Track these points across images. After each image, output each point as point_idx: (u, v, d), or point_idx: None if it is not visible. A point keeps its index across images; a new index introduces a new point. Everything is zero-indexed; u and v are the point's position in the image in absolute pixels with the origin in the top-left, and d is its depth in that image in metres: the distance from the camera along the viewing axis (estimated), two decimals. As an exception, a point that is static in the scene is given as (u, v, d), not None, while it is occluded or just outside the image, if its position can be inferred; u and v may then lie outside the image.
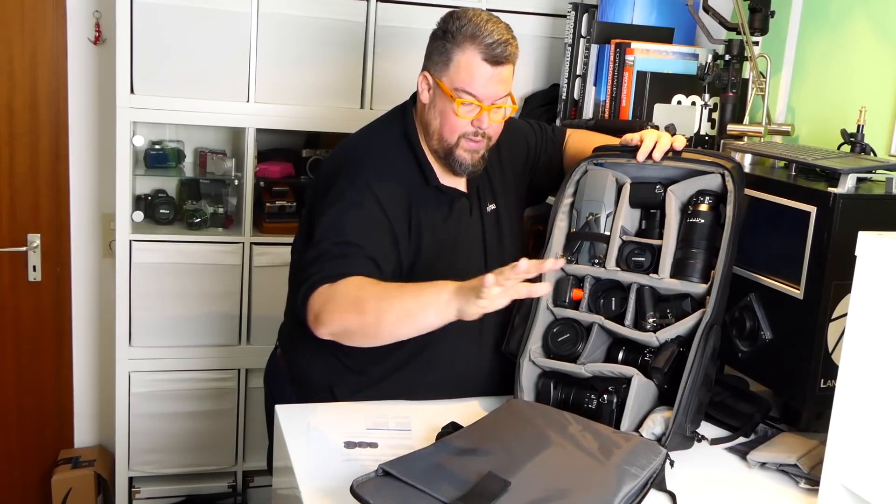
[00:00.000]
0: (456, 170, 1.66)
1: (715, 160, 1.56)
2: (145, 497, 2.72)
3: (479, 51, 1.57)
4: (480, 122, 1.62)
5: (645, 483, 1.28)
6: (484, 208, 1.77)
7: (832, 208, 1.41)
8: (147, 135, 2.68)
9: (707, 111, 2.12)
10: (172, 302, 2.57)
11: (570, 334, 1.58)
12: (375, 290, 1.46)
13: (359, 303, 1.44)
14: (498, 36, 1.57)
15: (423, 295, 1.40)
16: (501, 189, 1.82)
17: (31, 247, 2.81)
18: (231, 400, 2.69)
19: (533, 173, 1.90)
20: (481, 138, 1.64)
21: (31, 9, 2.67)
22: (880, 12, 1.90)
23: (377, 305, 1.42)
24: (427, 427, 1.54)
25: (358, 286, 1.47)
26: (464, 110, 1.60)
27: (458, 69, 1.59)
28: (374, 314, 1.42)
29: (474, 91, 1.59)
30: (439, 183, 1.69)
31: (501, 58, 1.58)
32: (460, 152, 1.64)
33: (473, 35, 1.57)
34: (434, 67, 1.63)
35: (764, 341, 1.56)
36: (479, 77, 1.58)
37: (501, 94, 1.62)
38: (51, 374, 2.91)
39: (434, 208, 1.69)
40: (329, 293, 1.48)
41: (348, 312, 1.44)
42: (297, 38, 2.50)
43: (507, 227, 1.81)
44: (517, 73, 2.83)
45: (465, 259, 1.72)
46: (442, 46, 1.61)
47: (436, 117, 1.64)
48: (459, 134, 1.62)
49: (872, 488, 1.17)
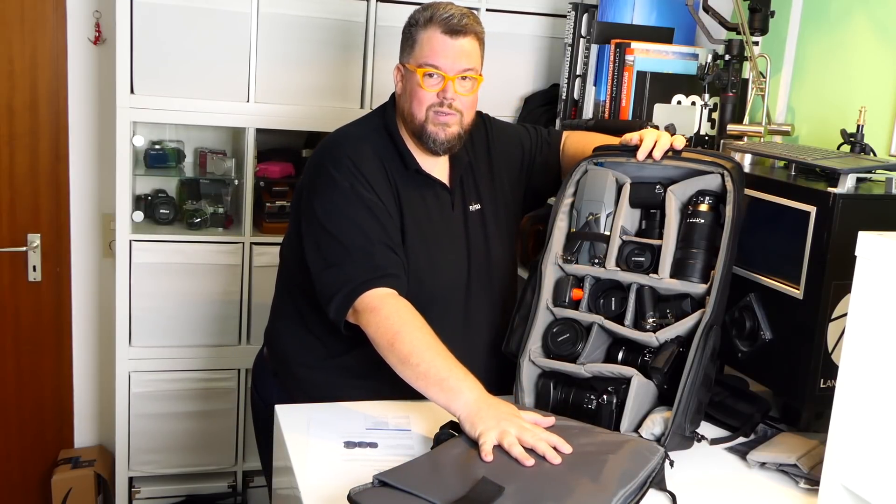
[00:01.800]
0: (430, 146, 1.69)
1: (715, 160, 1.56)
2: (145, 497, 2.72)
3: (437, 26, 1.65)
4: (446, 93, 1.65)
5: (643, 483, 1.28)
6: (468, 206, 1.78)
7: (832, 208, 1.41)
8: (147, 135, 2.68)
9: (707, 111, 2.12)
10: (172, 302, 2.57)
11: (570, 334, 1.58)
12: (414, 338, 1.50)
13: (395, 338, 1.50)
14: (455, 11, 1.66)
15: (447, 382, 1.44)
16: (489, 191, 1.82)
17: (31, 247, 2.81)
18: (231, 400, 2.69)
19: (529, 176, 1.90)
20: (450, 110, 1.66)
21: (31, 9, 2.67)
22: (880, 12, 1.90)
23: (406, 354, 1.49)
24: (426, 427, 1.54)
25: (402, 321, 1.52)
26: (428, 82, 1.65)
27: (420, 46, 1.66)
28: (398, 357, 1.50)
29: (436, 62, 1.64)
30: (419, 167, 1.72)
31: (459, 27, 1.64)
32: (431, 127, 1.67)
33: (433, 16, 1.66)
34: (403, 56, 1.72)
35: (764, 341, 1.55)
36: (439, 48, 1.64)
37: (465, 66, 1.66)
38: (51, 374, 2.92)
39: (414, 189, 1.72)
40: (375, 304, 1.55)
41: (382, 337, 1.52)
42: (297, 38, 2.50)
43: (493, 229, 1.81)
44: (517, 73, 2.84)
45: (448, 252, 1.74)
46: (408, 33, 1.70)
47: (407, 99, 1.70)
48: (426, 106, 1.66)
49: (872, 488, 1.17)
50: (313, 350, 1.76)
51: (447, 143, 1.69)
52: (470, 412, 1.39)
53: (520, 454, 1.30)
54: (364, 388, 1.67)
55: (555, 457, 1.30)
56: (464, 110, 1.69)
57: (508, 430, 1.34)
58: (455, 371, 1.46)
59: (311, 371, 1.78)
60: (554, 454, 1.31)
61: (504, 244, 1.84)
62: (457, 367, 1.47)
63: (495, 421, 1.36)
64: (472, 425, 1.37)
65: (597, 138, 1.84)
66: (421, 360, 1.47)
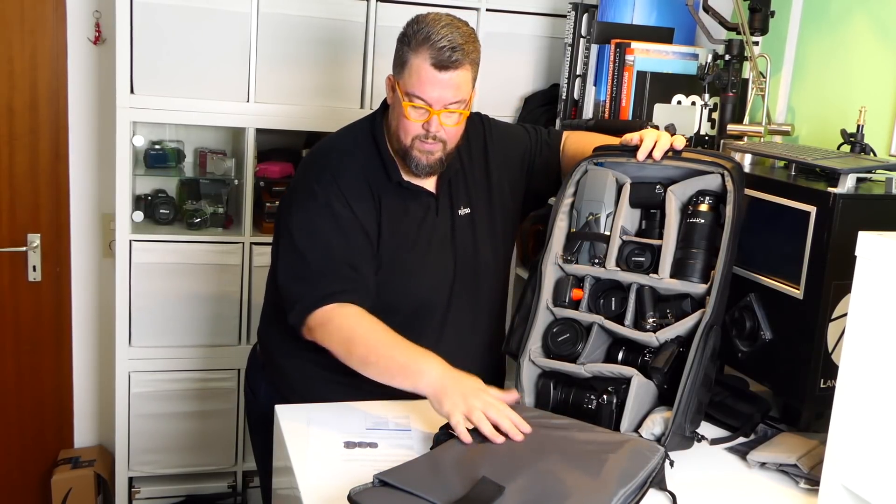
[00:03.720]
0: (413, 169, 1.69)
1: (714, 160, 1.56)
2: (145, 497, 2.72)
3: (428, 55, 1.59)
4: (430, 126, 1.64)
5: (643, 483, 1.28)
6: (455, 210, 1.78)
7: (832, 208, 1.41)
8: (147, 135, 2.68)
9: (707, 111, 2.12)
10: (172, 302, 2.57)
11: (570, 334, 1.58)
12: (367, 338, 1.57)
13: (349, 344, 1.58)
14: (449, 41, 1.58)
15: (408, 367, 1.51)
16: (483, 195, 1.82)
17: (31, 247, 2.81)
18: (231, 400, 2.69)
19: (530, 177, 1.90)
20: (434, 141, 1.66)
21: (31, 9, 2.67)
22: (880, 12, 1.90)
23: (364, 354, 1.56)
24: (426, 426, 1.54)
25: (351, 326, 1.59)
26: (413, 114, 1.63)
27: (409, 73, 1.62)
28: (358, 360, 1.57)
29: (423, 95, 1.61)
30: (402, 179, 1.73)
31: (449, 63, 1.58)
32: (415, 153, 1.67)
33: (426, 39, 1.59)
34: (395, 70, 1.67)
35: (764, 341, 1.55)
36: (426, 82, 1.60)
37: (452, 100, 1.62)
38: (51, 374, 2.91)
39: (396, 202, 1.72)
40: (324, 319, 1.60)
41: (338, 347, 1.59)
42: (297, 38, 2.50)
43: (484, 233, 1.81)
44: (517, 73, 2.84)
45: (433, 259, 1.74)
46: (401, 50, 1.65)
47: (394, 118, 1.69)
48: (412, 136, 1.66)
49: (872, 488, 1.17)
50: (295, 343, 1.74)
51: (429, 168, 1.69)
52: (435, 390, 1.46)
53: (489, 433, 1.37)
54: (345, 384, 1.66)
55: (517, 435, 1.38)
56: (448, 140, 1.68)
57: (475, 405, 1.40)
58: (413, 355, 1.53)
59: (293, 363, 1.79)
60: (517, 433, 1.38)
61: (496, 247, 1.84)
62: (414, 351, 1.53)
63: (461, 397, 1.43)
64: (439, 403, 1.45)
65: (597, 139, 1.84)
66: (379, 357, 1.54)
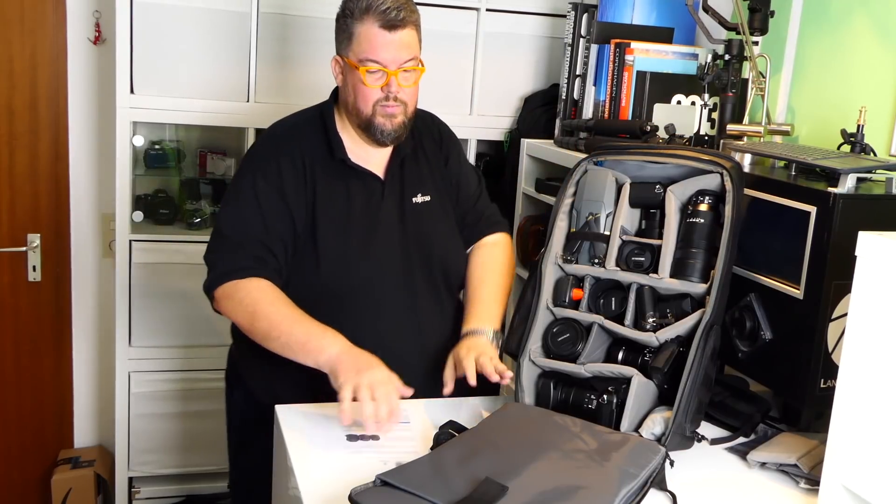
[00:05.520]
0: (378, 137, 1.71)
1: (714, 159, 1.56)
2: (145, 497, 2.72)
3: (374, 19, 1.63)
4: (390, 87, 1.67)
5: (644, 482, 1.28)
6: (407, 197, 1.78)
7: (832, 208, 1.41)
8: (147, 135, 2.69)
9: (707, 111, 2.12)
10: (172, 302, 2.57)
11: (570, 334, 1.58)
12: (269, 313, 1.62)
13: (252, 318, 1.63)
14: (392, 3, 1.64)
15: (308, 344, 1.57)
16: (443, 183, 1.84)
17: (31, 247, 2.81)
18: (231, 400, 2.69)
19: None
20: (395, 102, 1.68)
21: (31, 9, 2.67)
22: (880, 12, 1.90)
23: (266, 329, 1.62)
24: (426, 425, 1.54)
25: (255, 300, 1.63)
26: (371, 78, 1.66)
27: (359, 41, 1.65)
28: (261, 334, 1.63)
29: (377, 58, 1.65)
30: (346, 157, 1.75)
31: (397, 21, 1.64)
32: (378, 119, 1.69)
33: (368, 6, 1.64)
34: (340, 47, 1.71)
35: (764, 341, 1.55)
36: (379, 44, 1.64)
37: (406, 58, 1.67)
38: (51, 374, 2.92)
39: (337, 180, 1.74)
40: (230, 292, 1.66)
41: (242, 320, 1.66)
42: (297, 38, 2.50)
43: (440, 221, 1.81)
44: (517, 73, 2.84)
45: (373, 243, 1.73)
46: (344, 25, 1.69)
47: (350, 94, 1.71)
48: (372, 102, 1.68)
49: (872, 488, 1.17)
50: None
51: (394, 132, 1.71)
52: (333, 365, 1.52)
53: (368, 414, 1.45)
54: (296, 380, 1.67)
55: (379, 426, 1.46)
56: (408, 101, 1.71)
57: (362, 381, 1.47)
58: (313, 331, 1.58)
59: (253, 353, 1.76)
60: (382, 423, 1.46)
61: (450, 236, 1.84)
62: (314, 327, 1.59)
63: (355, 372, 1.49)
64: (335, 377, 1.51)
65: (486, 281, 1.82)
66: (280, 333, 1.60)
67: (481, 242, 1.90)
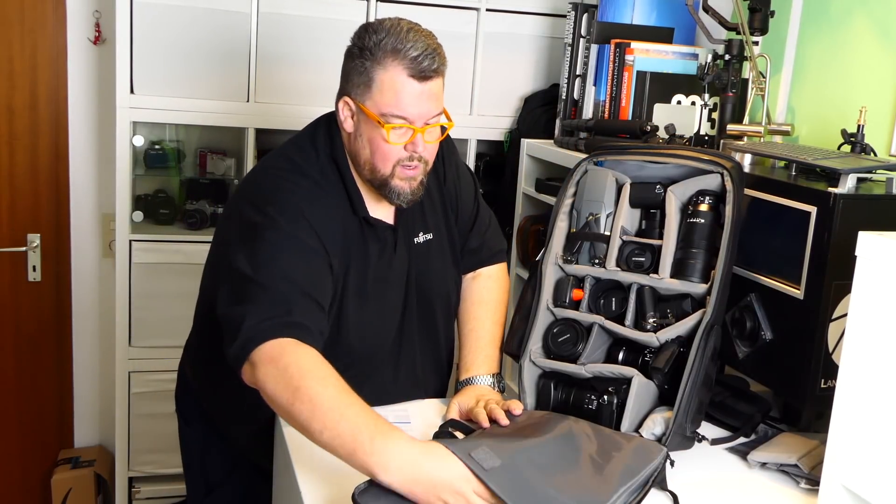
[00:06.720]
0: (393, 200, 1.51)
1: (714, 159, 1.56)
2: (145, 497, 2.72)
3: (403, 67, 1.41)
4: (415, 147, 1.46)
5: (645, 482, 1.29)
6: (412, 239, 1.63)
7: (832, 208, 1.41)
8: (147, 135, 2.69)
9: (707, 111, 2.12)
10: (172, 302, 2.57)
11: (571, 335, 1.58)
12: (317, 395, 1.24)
13: (295, 395, 1.25)
14: (423, 47, 1.41)
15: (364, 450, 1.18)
16: (442, 217, 1.69)
17: (31, 247, 2.81)
18: (231, 400, 2.69)
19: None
20: (417, 163, 1.48)
21: (31, 9, 2.67)
22: (880, 13, 1.90)
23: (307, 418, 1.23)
24: (426, 425, 1.54)
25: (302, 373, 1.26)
26: (395, 136, 1.44)
27: (381, 90, 1.42)
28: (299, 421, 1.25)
29: (404, 113, 1.43)
30: (367, 214, 1.54)
31: (429, 71, 1.42)
32: (396, 182, 1.48)
33: (395, 49, 1.41)
34: (355, 91, 1.46)
35: (764, 341, 1.55)
36: (407, 96, 1.42)
37: (434, 112, 1.46)
38: (51, 374, 2.92)
39: (360, 241, 1.54)
40: (275, 354, 1.29)
41: (281, 393, 1.27)
42: (297, 38, 2.50)
43: (438, 258, 1.68)
44: (517, 73, 2.84)
45: (386, 299, 1.60)
46: (361, 66, 1.44)
47: (364, 146, 1.48)
48: (393, 162, 1.47)
49: (872, 488, 1.17)
50: None
51: (411, 195, 1.51)
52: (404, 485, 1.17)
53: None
54: None
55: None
56: (429, 158, 1.51)
57: None
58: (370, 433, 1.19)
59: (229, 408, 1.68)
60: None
61: (452, 270, 1.72)
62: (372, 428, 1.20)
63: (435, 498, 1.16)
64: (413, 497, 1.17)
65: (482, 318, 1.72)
66: (324, 426, 1.22)
67: (479, 273, 1.77)
